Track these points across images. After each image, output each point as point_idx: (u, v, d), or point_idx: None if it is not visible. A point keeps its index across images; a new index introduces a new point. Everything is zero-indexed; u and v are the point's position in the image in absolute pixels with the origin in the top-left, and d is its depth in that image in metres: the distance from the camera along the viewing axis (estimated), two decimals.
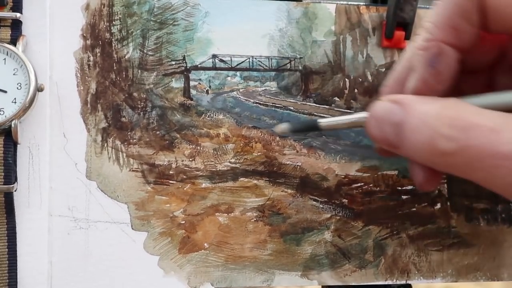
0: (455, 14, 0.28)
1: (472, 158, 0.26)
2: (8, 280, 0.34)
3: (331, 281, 0.38)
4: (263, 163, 0.37)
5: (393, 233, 0.38)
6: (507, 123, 0.25)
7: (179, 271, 0.36)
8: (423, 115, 0.27)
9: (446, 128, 0.26)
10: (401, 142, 0.28)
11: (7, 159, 0.33)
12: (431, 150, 0.27)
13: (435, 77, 0.29)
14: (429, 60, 0.29)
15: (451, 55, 0.29)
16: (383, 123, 0.29)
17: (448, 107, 0.27)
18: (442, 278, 0.39)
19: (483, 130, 0.25)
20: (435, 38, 0.28)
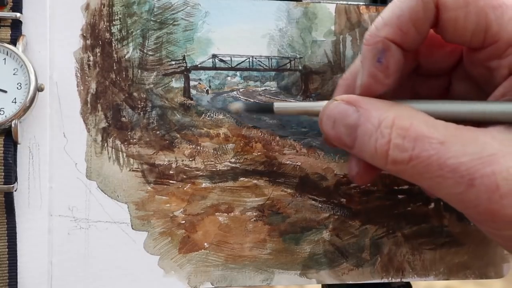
0: (406, 18, 0.28)
1: (421, 168, 0.27)
2: (8, 280, 0.34)
3: (329, 280, 0.38)
4: (263, 163, 0.37)
5: (389, 232, 0.39)
6: (455, 136, 0.27)
7: (179, 271, 0.36)
8: (377, 122, 0.28)
9: (398, 138, 0.27)
10: (354, 144, 0.29)
11: (7, 159, 0.33)
12: (383, 157, 0.28)
13: (383, 71, 0.30)
14: (375, 56, 0.30)
15: (397, 51, 0.29)
16: (337, 123, 0.30)
17: (401, 116, 0.28)
18: (435, 276, 0.40)
19: (432, 142, 0.27)
20: (381, 34, 0.29)
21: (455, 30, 0.28)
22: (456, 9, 0.27)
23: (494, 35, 0.27)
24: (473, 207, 0.27)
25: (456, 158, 0.26)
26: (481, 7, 0.27)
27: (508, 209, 0.26)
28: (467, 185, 0.26)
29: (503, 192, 0.26)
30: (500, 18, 0.27)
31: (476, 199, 0.26)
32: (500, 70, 0.29)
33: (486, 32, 0.27)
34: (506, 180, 0.26)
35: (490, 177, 0.26)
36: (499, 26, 0.27)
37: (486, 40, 0.28)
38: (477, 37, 0.28)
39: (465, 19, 0.27)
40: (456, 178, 0.26)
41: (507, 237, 0.28)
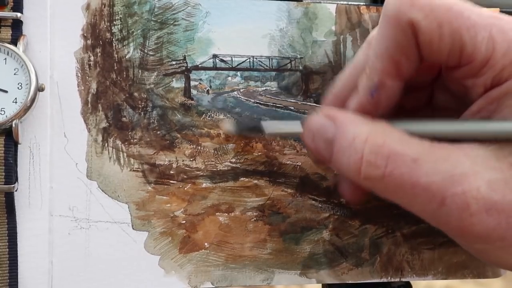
0: (393, 49, 0.29)
1: (394, 186, 0.28)
2: (8, 280, 0.34)
3: (329, 279, 0.38)
4: (263, 163, 0.37)
5: (388, 232, 0.39)
6: (428, 154, 0.27)
7: (179, 271, 0.36)
8: (352, 136, 0.29)
9: (371, 155, 0.28)
10: (331, 158, 0.30)
11: (7, 159, 0.33)
12: (356, 173, 0.28)
13: (373, 106, 0.30)
14: (369, 89, 0.30)
15: (392, 86, 0.30)
16: (316, 137, 0.31)
17: (376, 133, 0.28)
18: (433, 276, 0.40)
19: (405, 159, 0.27)
20: (377, 69, 0.29)
21: (431, 51, 0.28)
22: (430, 31, 0.27)
23: (469, 55, 0.27)
24: (445, 223, 0.28)
25: (428, 176, 0.27)
26: (455, 28, 0.27)
27: (477, 226, 0.26)
28: (439, 204, 0.27)
29: (473, 211, 0.26)
30: (474, 38, 0.27)
31: (447, 216, 0.27)
32: (476, 88, 0.29)
33: (461, 53, 0.28)
34: (476, 199, 0.26)
35: (461, 196, 0.26)
36: (473, 46, 0.27)
37: (461, 60, 0.28)
38: (452, 57, 0.28)
39: (440, 40, 0.27)
40: (428, 197, 0.27)
41: (478, 250, 0.29)
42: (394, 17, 0.28)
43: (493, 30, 0.27)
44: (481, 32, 0.27)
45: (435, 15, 0.27)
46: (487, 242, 0.27)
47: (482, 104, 0.29)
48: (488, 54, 0.27)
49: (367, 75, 0.30)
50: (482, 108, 0.29)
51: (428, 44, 0.28)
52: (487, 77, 0.28)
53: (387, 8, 0.28)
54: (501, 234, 0.27)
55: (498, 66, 0.27)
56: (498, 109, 0.28)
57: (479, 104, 0.29)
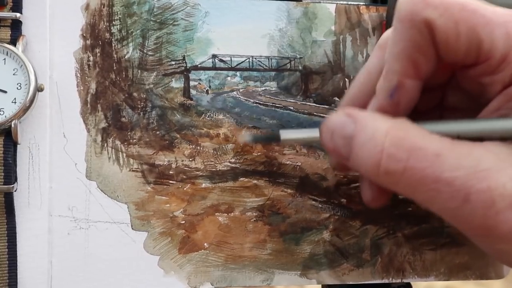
0: (411, 49, 0.28)
1: (415, 180, 0.27)
2: (8, 280, 0.34)
3: (330, 280, 0.38)
4: (263, 163, 0.37)
5: (389, 233, 0.39)
6: (451, 149, 0.26)
7: (179, 271, 0.36)
8: (372, 131, 0.28)
9: (392, 148, 0.27)
10: (350, 155, 0.29)
11: (7, 159, 0.33)
12: (376, 167, 0.28)
13: (393, 107, 0.30)
14: (388, 91, 0.30)
15: (411, 86, 0.29)
16: (335, 135, 0.30)
17: (397, 127, 0.28)
18: (435, 277, 0.40)
19: (427, 153, 0.26)
20: (395, 70, 0.29)
21: (448, 50, 0.28)
22: (446, 30, 0.27)
23: (487, 52, 0.27)
24: (468, 222, 0.27)
25: (451, 171, 0.26)
26: (471, 26, 0.27)
27: (503, 225, 0.26)
28: (463, 200, 0.26)
29: (498, 208, 0.25)
30: (491, 35, 0.27)
31: (471, 214, 0.26)
32: (494, 85, 0.28)
33: (479, 50, 0.27)
34: (502, 196, 0.25)
35: (486, 192, 0.25)
36: (491, 43, 0.27)
37: (479, 57, 0.28)
38: (470, 55, 0.28)
39: (457, 38, 0.27)
40: (451, 192, 0.26)
41: (500, 251, 0.28)
42: (409, 17, 0.28)
43: (509, 26, 0.27)
44: (498, 29, 0.27)
45: (450, 13, 0.27)
46: None
47: (501, 102, 0.28)
48: (506, 51, 0.27)
49: (385, 77, 0.30)
50: (501, 106, 0.28)
51: (445, 43, 0.27)
52: (505, 74, 0.27)
53: (401, 9, 0.28)
54: None
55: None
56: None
57: (497, 101, 0.29)
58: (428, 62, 0.29)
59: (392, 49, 0.29)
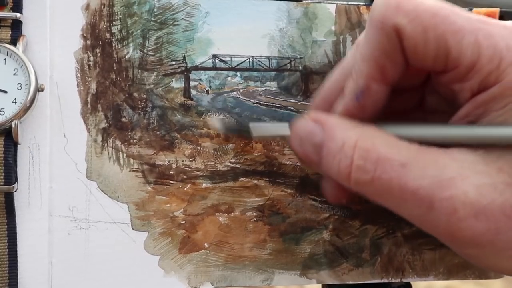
0: (379, 54, 0.29)
1: (382, 190, 0.28)
2: (8, 280, 0.34)
3: (330, 280, 0.38)
4: (263, 163, 0.37)
5: (389, 232, 0.39)
6: (417, 158, 0.27)
7: (179, 271, 0.36)
8: (340, 143, 0.29)
9: (360, 160, 0.28)
10: (320, 162, 0.30)
11: (7, 159, 0.33)
12: (346, 178, 0.29)
13: (359, 110, 0.30)
14: (355, 93, 0.30)
15: (378, 90, 0.30)
16: (304, 142, 0.31)
17: (364, 137, 0.28)
18: (435, 277, 0.40)
19: (393, 164, 0.27)
20: (362, 73, 0.29)
21: (417, 56, 0.28)
22: (415, 37, 0.27)
23: (455, 60, 0.27)
24: (434, 228, 0.28)
25: (416, 181, 0.27)
26: (440, 33, 0.27)
27: (466, 231, 0.26)
28: (427, 208, 0.27)
29: (461, 216, 0.26)
30: (459, 43, 0.27)
31: (436, 221, 0.27)
32: (463, 93, 0.29)
33: (447, 58, 0.27)
34: (464, 204, 0.26)
35: (449, 200, 0.26)
36: (459, 51, 0.27)
37: (447, 65, 0.28)
38: (438, 63, 0.28)
39: (425, 45, 0.27)
40: (416, 201, 0.27)
41: (468, 254, 0.29)
42: (380, 22, 0.28)
43: (480, 34, 0.27)
44: (467, 37, 0.27)
45: (420, 20, 0.27)
46: (477, 247, 0.27)
47: (470, 109, 0.29)
48: (473, 59, 0.27)
49: (353, 78, 0.30)
50: (470, 113, 0.29)
51: (413, 50, 0.28)
52: (474, 82, 0.28)
53: (373, 13, 0.28)
54: (490, 239, 0.26)
55: (484, 71, 0.27)
56: (485, 113, 0.28)
57: (466, 108, 0.29)
58: (396, 67, 0.29)
59: (361, 51, 0.29)
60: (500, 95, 0.27)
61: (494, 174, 0.27)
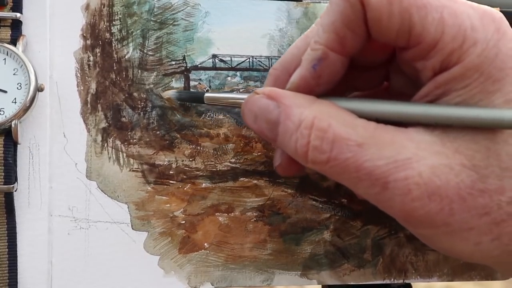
0: (340, 23, 0.28)
1: (339, 170, 0.28)
2: (8, 280, 0.34)
3: (330, 281, 0.38)
4: (263, 163, 0.37)
5: (391, 233, 0.39)
6: (373, 138, 0.27)
7: (179, 271, 0.36)
8: (297, 121, 0.28)
9: (316, 140, 0.28)
10: (276, 139, 0.30)
11: (7, 159, 0.33)
12: (303, 157, 0.28)
13: (315, 79, 0.30)
14: (311, 62, 0.29)
15: (335, 60, 0.29)
16: (259, 118, 0.30)
17: (321, 116, 0.28)
18: (439, 278, 0.39)
19: (349, 144, 0.27)
20: (321, 42, 0.29)
21: (380, 30, 0.28)
22: (379, 9, 0.27)
23: (418, 36, 0.27)
24: (388, 207, 0.28)
25: (372, 161, 0.27)
26: (405, 7, 0.26)
27: (420, 211, 0.27)
28: (382, 188, 0.27)
29: (414, 196, 0.26)
30: (424, 19, 0.27)
31: (390, 200, 0.27)
32: (425, 71, 0.28)
33: (410, 33, 0.27)
34: (418, 185, 0.26)
35: (403, 181, 0.26)
36: (423, 27, 0.27)
37: (410, 40, 0.27)
38: (401, 38, 0.28)
39: (389, 18, 0.27)
40: (371, 181, 0.27)
41: (423, 235, 0.29)
42: None
43: (445, 12, 0.27)
44: (432, 13, 0.27)
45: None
46: (431, 227, 0.27)
47: (430, 88, 0.28)
48: (437, 37, 0.27)
49: (312, 47, 0.29)
50: (430, 92, 0.28)
51: (377, 22, 0.27)
52: (436, 60, 0.27)
53: None
54: (444, 220, 0.27)
55: (447, 49, 0.27)
56: (445, 93, 0.28)
57: (427, 88, 0.29)
58: (356, 39, 0.29)
59: (322, 19, 0.29)
60: (461, 75, 0.27)
61: (451, 155, 0.27)
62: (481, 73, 0.27)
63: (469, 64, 0.27)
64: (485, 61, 0.27)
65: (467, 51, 0.27)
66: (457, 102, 0.27)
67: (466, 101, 0.27)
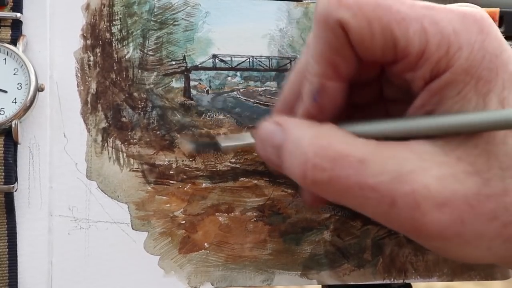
0: (328, 52, 0.28)
1: (342, 188, 0.27)
2: (8, 280, 0.34)
3: (330, 281, 0.38)
4: (263, 163, 0.37)
5: (390, 233, 0.39)
6: (375, 154, 0.26)
7: (179, 271, 0.36)
8: (297, 141, 0.28)
9: (316, 158, 0.27)
10: (282, 164, 0.29)
11: (7, 159, 0.33)
12: (303, 177, 0.27)
13: (318, 110, 0.30)
14: (311, 94, 0.29)
15: (334, 88, 0.29)
16: (266, 145, 0.30)
17: (321, 135, 0.28)
18: (438, 278, 0.39)
19: (351, 161, 0.26)
20: (316, 73, 0.29)
21: (365, 50, 0.27)
22: (360, 30, 0.26)
23: (403, 49, 0.27)
24: (398, 225, 0.27)
25: (376, 177, 0.26)
26: (385, 24, 0.26)
27: (431, 225, 0.26)
28: (389, 205, 0.26)
29: (424, 210, 0.25)
30: (405, 32, 0.26)
31: (400, 217, 0.26)
32: (416, 81, 0.28)
33: (395, 48, 0.27)
34: (426, 198, 0.25)
35: (410, 195, 0.25)
36: (406, 40, 0.26)
37: (396, 55, 0.27)
38: (387, 54, 0.27)
39: (371, 38, 0.27)
40: (377, 198, 0.26)
41: (436, 247, 0.28)
42: (323, 19, 0.27)
43: (425, 21, 0.26)
44: (413, 25, 0.26)
45: (363, 12, 0.26)
46: (443, 240, 0.27)
47: (425, 98, 0.28)
48: (422, 47, 0.26)
49: (308, 80, 0.29)
50: (426, 102, 0.28)
51: (360, 43, 0.27)
52: (425, 70, 0.27)
53: (317, 9, 0.28)
54: (456, 230, 0.26)
55: (434, 58, 0.26)
56: (441, 101, 0.27)
57: (422, 98, 0.28)
58: (348, 63, 0.28)
59: (311, 51, 0.29)
60: (452, 81, 0.27)
61: (454, 164, 0.26)
62: (471, 76, 0.26)
63: (458, 69, 0.26)
64: (474, 64, 0.26)
65: (453, 57, 0.26)
66: (455, 109, 0.27)
67: (464, 106, 0.27)
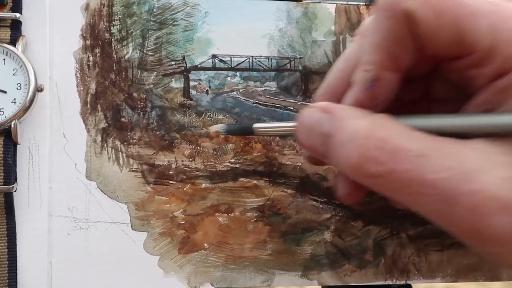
0: (389, 41, 0.27)
1: (398, 183, 0.26)
2: (8, 280, 0.34)
3: (331, 281, 0.38)
4: (263, 163, 0.37)
5: (393, 233, 0.38)
6: (434, 149, 0.25)
7: (179, 271, 0.36)
8: (352, 132, 0.27)
9: (373, 150, 0.26)
10: (329, 154, 0.28)
11: (7, 159, 0.33)
12: (358, 169, 0.26)
13: (371, 100, 0.29)
14: (365, 83, 0.28)
15: (390, 79, 0.28)
16: (312, 132, 0.29)
17: (378, 127, 0.26)
18: (442, 278, 0.39)
19: (410, 155, 0.25)
20: (373, 62, 0.28)
21: (429, 43, 0.27)
22: (427, 21, 0.26)
23: (470, 45, 0.26)
24: (455, 225, 0.26)
25: (435, 173, 0.25)
26: (454, 18, 0.26)
27: (493, 228, 0.24)
28: (449, 203, 0.25)
29: (486, 212, 0.24)
30: (474, 27, 0.26)
31: (458, 217, 0.25)
32: (479, 79, 0.27)
33: (462, 43, 0.26)
34: (489, 199, 0.24)
35: (472, 195, 0.24)
36: (474, 35, 0.26)
37: (462, 50, 0.27)
38: (452, 48, 0.27)
39: (438, 30, 0.26)
40: (436, 195, 0.25)
41: (492, 253, 0.27)
42: (389, 7, 0.27)
43: (494, 17, 0.26)
44: (482, 20, 0.26)
45: (431, 3, 0.26)
46: (503, 245, 0.25)
47: (487, 96, 0.27)
48: (491, 44, 0.26)
49: (363, 68, 0.28)
50: (487, 100, 0.27)
51: (426, 35, 0.26)
52: (492, 67, 0.26)
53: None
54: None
55: (503, 55, 0.26)
56: (504, 100, 0.26)
57: (484, 95, 0.27)
58: (408, 54, 0.28)
59: (370, 39, 0.28)
60: None
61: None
62: None
63: None
64: None
65: None
66: None
67: None
